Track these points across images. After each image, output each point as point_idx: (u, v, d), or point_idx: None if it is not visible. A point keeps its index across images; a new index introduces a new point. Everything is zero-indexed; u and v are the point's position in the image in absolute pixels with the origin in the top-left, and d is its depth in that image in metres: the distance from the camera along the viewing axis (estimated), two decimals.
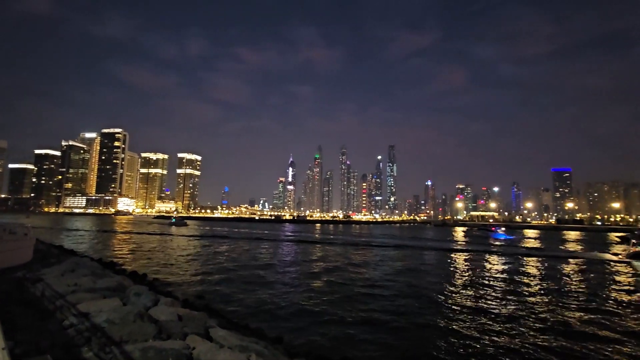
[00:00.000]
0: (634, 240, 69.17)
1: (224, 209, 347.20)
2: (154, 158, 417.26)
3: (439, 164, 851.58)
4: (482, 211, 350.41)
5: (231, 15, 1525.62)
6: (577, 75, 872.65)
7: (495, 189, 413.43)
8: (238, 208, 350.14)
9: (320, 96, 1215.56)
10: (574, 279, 25.10)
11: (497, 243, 64.29)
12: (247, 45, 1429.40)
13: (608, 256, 40.50)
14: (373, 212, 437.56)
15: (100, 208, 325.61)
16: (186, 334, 8.46)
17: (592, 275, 27.26)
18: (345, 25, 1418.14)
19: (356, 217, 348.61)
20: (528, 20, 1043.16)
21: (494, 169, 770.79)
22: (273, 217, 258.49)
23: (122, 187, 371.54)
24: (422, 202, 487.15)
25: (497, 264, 32.88)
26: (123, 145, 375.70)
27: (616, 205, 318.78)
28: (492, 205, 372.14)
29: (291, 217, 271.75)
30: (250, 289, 19.25)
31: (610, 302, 18.23)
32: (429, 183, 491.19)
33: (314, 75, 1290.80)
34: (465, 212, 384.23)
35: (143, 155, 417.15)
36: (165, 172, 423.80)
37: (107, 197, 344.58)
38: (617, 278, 26.15)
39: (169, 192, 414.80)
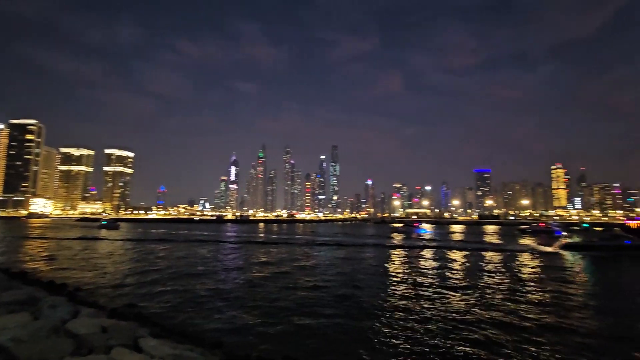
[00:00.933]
0: (529, 230, 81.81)
1: (160, 209, 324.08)
2: (77, 154, 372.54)
3: (378, 164, 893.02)
4: (416, 209, 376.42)
5: (168, 2, 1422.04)
6: (497, 87, 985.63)
7: (428, 188, 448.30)
8: (176, 208, 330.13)
9: (264, 94, 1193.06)
10: (504, 270, 27.84)
11: (426, 237, 70.31)
12: (186, 36, 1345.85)
13: (543, 248, 45.56)
14: (316, 210, 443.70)
15: (9, 210, 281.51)
16: (111, 347, 7.72)
17: (519, 265, 30.75)
18: (290, 25, 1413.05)
19: (300, 216, 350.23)
20: (456, 34, 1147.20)
21: (426, 169, 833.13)
22: (214, 218, 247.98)
23: (36, 187, 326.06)
24: (363, 200, 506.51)
25: (429, 258, 35.57)
26: (38, 139, 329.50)
27: (525, 202, 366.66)
28: (425, 203, 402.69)
29: (234, 217, 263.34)
30: (189, 293, 18.42)
31: (528, 288, 20.65)
32: (369, 182, 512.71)
33: (258, 73, 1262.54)
34: (401, 209, 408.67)
35: (63, 150, 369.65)
36: (90, 169, 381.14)
37: (17, 198, 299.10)
38: (549, 266, 29.70)
39: (95, 192, 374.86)
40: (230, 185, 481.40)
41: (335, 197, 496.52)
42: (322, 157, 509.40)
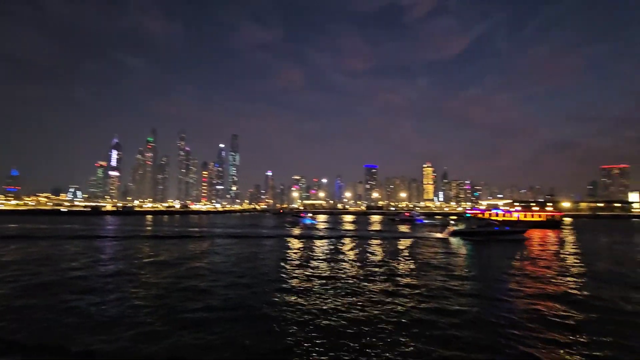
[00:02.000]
0: (397, 219, 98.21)
1: (11, 198, 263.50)
2: None
3: (278, 156, 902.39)
4: (313, 200, 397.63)
5: None
6: (384, 92, 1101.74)
7: (324, 180, 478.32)
8: (34, 198, 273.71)
9: (155, 72, 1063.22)
10: (399, 254, 32.72)
11: (315, 226, 77.95)
12: None
13: (435, 235, 53.18)
14: (214, 201, 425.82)
15: None
16: None
17: (414, 249, 36.98)
18: (187, 2, 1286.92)
19: (195, 206, 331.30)
20: (352, 39, 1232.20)
21: (323, 163, 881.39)
22: (89, 209, 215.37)
23: None
24: (263, 191, 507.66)
25: (324, 246, 40.60)
26: None
27: (403, 195, 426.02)
28: (321, 194, 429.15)
29: (114, 209, 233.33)
30: (54, 298, 16.21)
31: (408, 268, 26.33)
32: (269, 173, 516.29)
33: (148, 47, 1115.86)
34: (299, 200, 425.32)
35: None
36: None
37: None
38: (435, 250, 35.93)
39: None
40: (111, 172, 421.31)
41: (234, 188, 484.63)
42: (222, 145, 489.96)
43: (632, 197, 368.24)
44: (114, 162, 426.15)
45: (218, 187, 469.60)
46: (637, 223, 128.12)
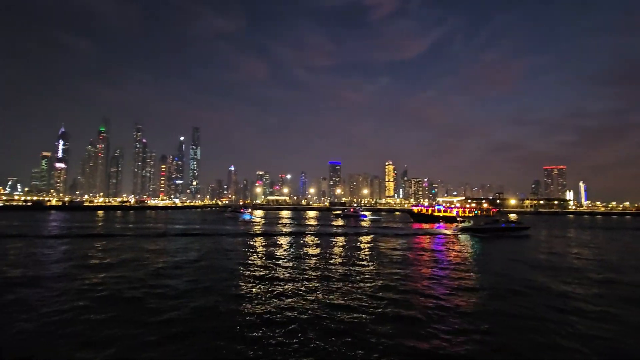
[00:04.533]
0: (341, 215, 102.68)
1: None
2: None
3: (242, 150, 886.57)
4: (277, 196, 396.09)
5: None
6: (347, 89, 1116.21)
7: (288, 176, 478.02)
8: None
9: (106, 57, 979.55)
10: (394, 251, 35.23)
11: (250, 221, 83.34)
12: None
13: (446, 231, 55.88)
14: (173, 196, 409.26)
15: None
16: None
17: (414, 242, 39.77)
18: None
19: (152, 202, 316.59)
20: (316, 35, 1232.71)
21: (287, 158, 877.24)
22: (30, 204, 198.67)
23: None
24: (225, 186, 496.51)
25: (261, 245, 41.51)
26: None
27: (366, 191, 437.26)
28: (285, 190, 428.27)
29: (60, 203, 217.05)
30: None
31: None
32: (232, 168, 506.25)
33: (97, 29, 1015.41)
34: (263, 196, 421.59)
35: None
36: None
37: None
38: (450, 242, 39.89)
39: None
40: (57, 164, 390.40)
41: (194, 183, 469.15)
42: (182, 138, 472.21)
43: (569, 195, 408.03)
44: (60, 153, 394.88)
45: (178, 181, 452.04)
46: (571, 219, 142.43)
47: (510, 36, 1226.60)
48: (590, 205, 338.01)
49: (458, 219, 62.16)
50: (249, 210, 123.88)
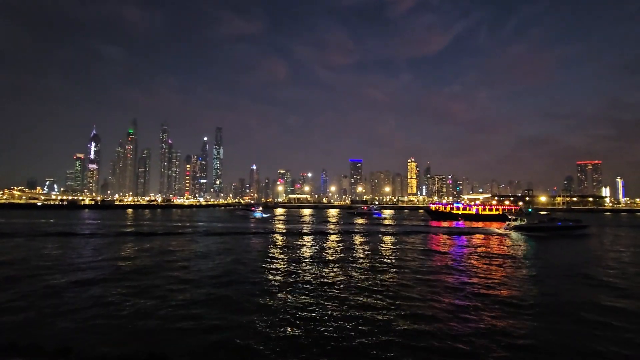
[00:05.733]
0: (357, 213, 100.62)
1: None
2: None
3: (263, 149, 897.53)
4: (298, 194, 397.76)
5: None
6: (368, 87, 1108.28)
7: (309, 174, 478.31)
8: (7, 191, 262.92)
9: (134, 62, 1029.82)
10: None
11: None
12: None
13: (496, 230, 53.88)
14: (197, 195, 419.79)
15: None
16: None
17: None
18: None
19: (178, 200, 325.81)
20: (336, 33, 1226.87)
21: (308, 157, 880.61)
22: (65, 203, 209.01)
23: None
24: (247, 185, 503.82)
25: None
26: None
27: (387, 189, 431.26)
28: (306, 188, 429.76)
29: (93, 202, 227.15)
30: (28, 300, 15.79)
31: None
32: (254, 167, 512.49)
33: (127, 36, 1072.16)
34: (285, 194, 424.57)
35: None
36: None
37: None
38: (498, 244, 38.15)
39: None
40: (90, 165, 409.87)
41: (218, 182, 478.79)
42: (205, 138, 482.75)
43: (604, 192, 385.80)
44: (92, 155, 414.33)
45: (202, 180, 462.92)
46: (608, 217, 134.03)
47: (538, 27, 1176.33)
48: (629, 202, 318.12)
49: (510, 217, 57.23)
50: (260, 208, 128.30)
